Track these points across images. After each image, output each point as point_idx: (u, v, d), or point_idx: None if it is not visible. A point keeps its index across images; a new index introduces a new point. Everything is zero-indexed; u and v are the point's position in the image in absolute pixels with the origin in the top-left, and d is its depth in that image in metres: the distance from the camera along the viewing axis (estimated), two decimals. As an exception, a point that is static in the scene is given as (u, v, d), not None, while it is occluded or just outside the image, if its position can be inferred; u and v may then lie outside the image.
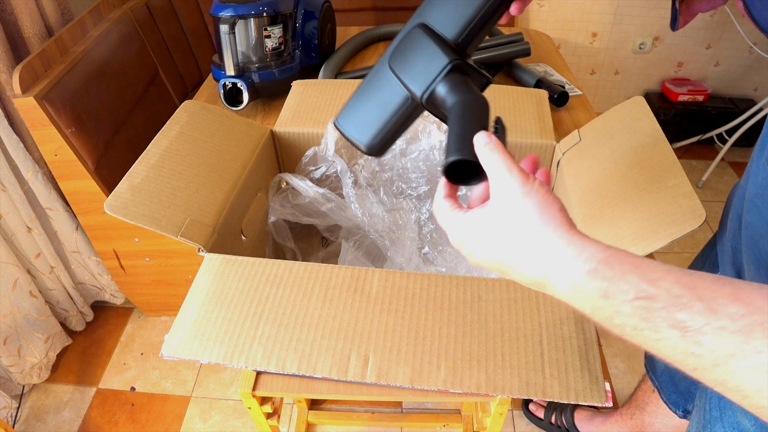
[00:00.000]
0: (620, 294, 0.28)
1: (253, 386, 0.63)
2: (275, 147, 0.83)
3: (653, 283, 0.27)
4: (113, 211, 0.58)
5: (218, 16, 1.00)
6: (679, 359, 0.27)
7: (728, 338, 0.25)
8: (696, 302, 0.26)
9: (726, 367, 0.25)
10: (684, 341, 0.26)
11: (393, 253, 0.78)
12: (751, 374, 0.24)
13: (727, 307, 0.25)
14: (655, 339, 0.27)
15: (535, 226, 0.32)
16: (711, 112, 1.91)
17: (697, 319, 0.26)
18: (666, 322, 0.27)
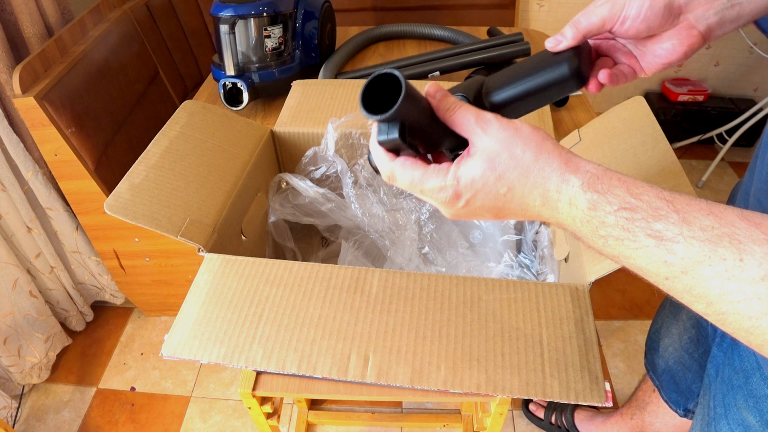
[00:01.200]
0: (606, 205, 0.30)
1: (253, 386, 0.63)
2: (275, 147, 0.83)
3: (636, 196, 0.30)
4: (113, 211, 0.58)
5: (218, 16, 1.00)
6: (653, 268, 0.29)
7: (698, 246, 0.27)
8: (672, 214, 0.28)
9: (693, 273, 0.27)
10: (658, 249, 0.28)
11: (393, 253, 0.78)
12: (715, 279, 0.26)
13: (701, 220, 0.27)
14: (634, 248, 0.29)
15: (536, 152, 0.34)
16: (711, 112, 1.91)
17: (672, 229, 0.28)
18: (644, 231, 0.29)
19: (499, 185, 0.35)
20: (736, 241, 0.26)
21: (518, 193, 0.35)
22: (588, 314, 0.54)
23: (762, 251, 0.25)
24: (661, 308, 0.85)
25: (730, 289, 0.26)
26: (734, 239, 0.26)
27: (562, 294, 0.55)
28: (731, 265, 0.26)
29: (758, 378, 0.49)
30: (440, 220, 0.83)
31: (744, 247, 0.26)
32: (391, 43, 1.35)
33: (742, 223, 0.27)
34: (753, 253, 0.25)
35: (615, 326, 1.39)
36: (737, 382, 0.52)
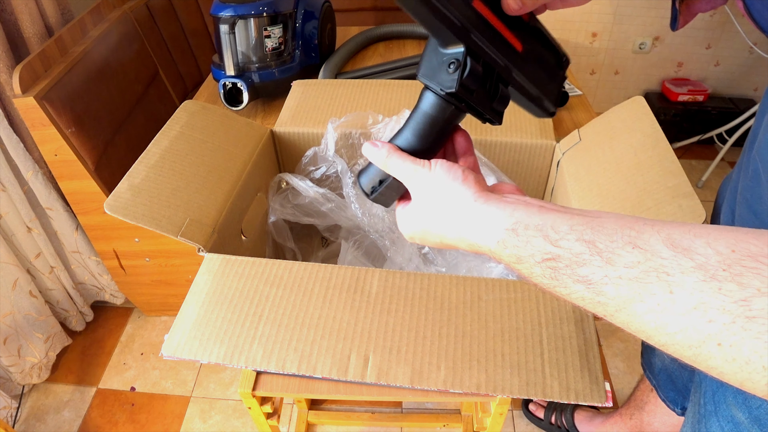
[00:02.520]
0: (529, 258, 0.31)
1: (253, 386, 0.63)
2: (275, 147, 0.83)
3: (556, 243, 0.30)
4: (113, 211, 0.58)
5: (218, 16, 1.00)
6: (590, 307, 0.29)
7: (626, 286, 0.27)
8: (595, 257, 0.28)
9: (627, 311, 0.27)
10: (589, 292, 0.28)
11: (393, 253, 0.78)
12: (649, 315, 0.26)
13: (624, 257, 0.27)
14: (566, 293, 0.30)
15: (449, 210, 0.36)
16: (711, 112, 1.91)
17: (597, 272, 0.28)
18: (571, 278, 0.29)
19: (430, 236, 0.38)
20: (665, 274, 0.26)
21: (450, 244, 0.37)
22: (588, 314, 0.54)
23: (691, 281, 0.25)
24: None
25: (666, 322, 0.26)
26: (662, 272, 0.26)
27: (562, 294, 0.55)
28: (662, 299, 0.26)
29: None
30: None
31: (672, 279, 0.25)
32: (391, 43, 1.35)
33: (669, 251, 0.26)
34: (682, 285, 0.25)
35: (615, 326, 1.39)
36: None
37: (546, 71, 0.41)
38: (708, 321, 0.24)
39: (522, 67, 0.39)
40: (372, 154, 0.40)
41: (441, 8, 0.35)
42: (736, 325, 0.24)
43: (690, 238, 0.26)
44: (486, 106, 0.39)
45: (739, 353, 0.24)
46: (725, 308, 0.24)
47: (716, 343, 0.24)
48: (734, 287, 0.24)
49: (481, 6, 0.36)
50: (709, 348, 0.25)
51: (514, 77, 0.39)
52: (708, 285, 0.24)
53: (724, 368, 0.25)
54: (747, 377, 0.24)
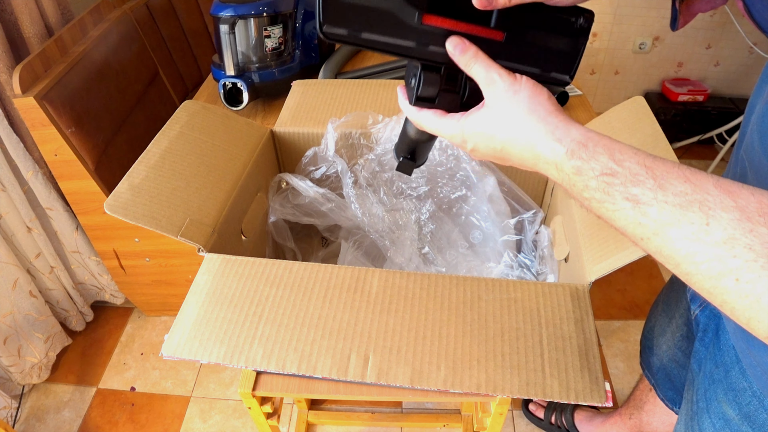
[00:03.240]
0: (590, 171, 0.33)
1: (253, 386, 0.63)
2: (275, 147, 0.83)
3: (619, 162, 0.32)
4: (113, 211, 0.58)
5: (218, 16, 1.00)
6: (630, 229, 0.31)
7: (669, 210, 0.29)
8: (650, 180, 0.30)
9: (663, 235, 0.29)
10: (634, 212, 0.31)
11: (393, 253, 0.78)
12: (682, 241, 0.29)
13: (676, 186, 0.29)
14: (612, 210, 0.32)
15: (527, 117, 0.37)
16: (711, 112, 1.91)
17: (648, 194, 0.30)
18: (622, 195, 0.31)
19: (495, 142, 0.39)
20: (706, 207, 0.28)
21: (511, 151, 0.38)
22: (588, 314, 0.54)
23: (728, 217, 0.27)
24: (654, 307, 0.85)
25: (695, 251, 0.28)
26: (704, 205, 0.28)
27: (562, 294, 0.55)
28: (698, 228, 0.28)
29: (737, 371, 0.50)
30: (440, 221, 0.83)
31: (712, 212, 0.28)
32: (391, 43, 1.35)
33: (715, 190, 0.28)
34: (719, 219, 0.27)
35: (615, 326, 1.39)
36: (718, 376, 0.53)
37: (543, 47, 0.41)
38: (733, 256, 0.27)
39: (507, 54, 0.39)
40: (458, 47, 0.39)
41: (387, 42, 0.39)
42: (757, 264, 0.26)
43: (737, 186, 0.29)
44: (455, 105, 0.41)
45: (753, 290, 0.26)
46: (752, 247, 0.26)
47: (735, 278, 0.27)
48: (765, 231, 0.26)
49: (436, 19, 0.38)
50: (728, 282, 0.27)
51: (500, 65, 0.39)
52: (742, 224, 0.27)
53: (736, 303, 0.27)
54: (755, 315, 0.27)
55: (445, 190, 0.82)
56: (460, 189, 0.81)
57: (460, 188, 0.81)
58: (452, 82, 0.41)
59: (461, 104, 0.42)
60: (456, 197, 0.82)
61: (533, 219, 0.78)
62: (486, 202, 0.78)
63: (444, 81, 0.41)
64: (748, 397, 0.49)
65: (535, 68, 0.41)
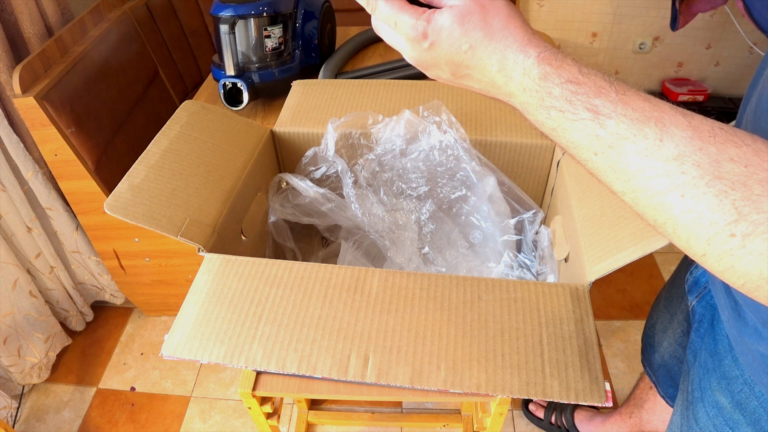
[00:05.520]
0: (556, 77, 0.33)
1: (253, 386, 0.63)
2: (275, 147, 0.83)
3: (585, 74, 0.32)
4: (113, 211, 0.58)
5: (218, 16, 1.00)
6: (585, 142, 0.31)
7: (627, 124, 0.29)
8: (612, 93, 0.31)
9: (618, 149, 0.30)
10: (593, 123, 0.31)
11: (393, 253, 0.78)
12: (635, 155, 0.29)
13: (636, 102, 0.30)
14: (572, 119, 0.32)
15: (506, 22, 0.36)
16: (711, 112, 1.91)
17: (608, 106, 0.30)
18: (584, 104, 0.31)
19: (463, 41, 0.36)
20: (661, 124, 0.29)
21: (478, 54, 0.36)
22: (588, 314, 0.54)
23: (681, 134, 0.28)
24: (655, 304, 0.86)
25: (647, 166, 0.29)
26: (660, 122, 0.29)
27: (562, 294, 0.55)
28: (651, 143, 0.29)
29: (730, 360, 0.51)
30: (440, 221, 0.83)
31: (666, 129, 0.28)
32: (391, 43, 1.35)
33: (672, 110, 0.29)
34: (672, 135, 0.28)
35: (615, 326, 1.39)
36: (712, 365, 0.53)
37: None
38: (681, 172, 0.28)
39: None
40: None
41: None
42: (703, 181, 0.27)
43: (692, 113, 0.30)
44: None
45: (696, 206, 0.27)
46: (700, 164, 0.27)
47: (681, 194, 0.28)
48: (714, 150, 0.27)
49: None
50: (674, 197, 0.28)
51: None
52: (693, 142, 0.28)
53: (678, 220, 0.28)
54: (694, 232, 0.27)
55: (445, 190, 0.82)
56: (460, 189, 0.81)
57: (460, 188, 0.81)
58: None
59: None
60: (456, 197, 0.82)
61: (533, 219, 0.78)
62: (486, 202, 0.78)
63: None
64: (740, 385, 0.49)
65: None
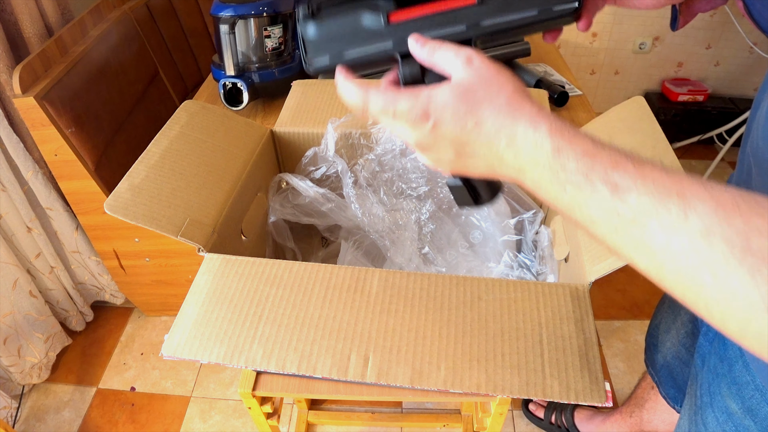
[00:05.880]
0: (570, 151, 0.32)
1: (253, 386, 0.63)
2: (275, 147, 0.83)
3: (599, 147, 0.31)
4: (113, 211, 0.58)
5: (218, 16, 1.00)
6: (604, 218, 0.30)
7: (648, 198, 0.28)
8: (629, 165, 0.30)
9: (641, 224, 0.29)
10: (612, 199, 0.30)
11: (393, 253, 0.78)
12: (660, 231, 0.28)
13: (655, 174, 0.29)
14: (589, 195, 0.31)
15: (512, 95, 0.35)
16: (711, 112, 1.91)
17: (627, 179, 0.29)
18: (601, 179, 0.30)
19: (469, 118, 0.35)
20: (683, 197, 0.28)
21: (485, 130, 0.34)
22: (588, 314, 0.54)
23: (705, 207, 0.27)
24: (660, 304, 0.86)
25: (672, 242, 0.28)
26: (682, 195, 0.28)
27: (562, 294, 0.55)
28: (676, 218, 0.27)
29: (741, 365, 0.50)
30: (440, 221, 0.83)
31: (689, 202, 0.27)
32: (391, 43, 1.35)
33: (689, 180, 0.29)
34: (697, 208, 0.27)
35: (615, 326, 1.39)
36: (722, 370, 0.53)
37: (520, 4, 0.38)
38: (710, 248, 0.26)
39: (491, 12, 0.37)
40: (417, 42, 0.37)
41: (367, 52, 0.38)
42: (734, 258, 0.25)
43: (711, 182, 0.29)
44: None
45: (729, 284, 0.26)
46: (728, 239, 0.26)
47: (711, 272, 0.26)
48: (740, 222, 0.26)
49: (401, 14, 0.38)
50: (704, 275, 0.27)
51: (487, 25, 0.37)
52: (717, 216, 0.26)
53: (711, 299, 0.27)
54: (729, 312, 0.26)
55: (445, 190, 0.82)
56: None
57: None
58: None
59: None
60: (456, 197, 0.82)
61: (533, 219, 0.78)
62: (486, 202, 0.78)
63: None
64: (751, 391, 0.49)
65: (531, 10, 0.37)
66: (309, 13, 0.40)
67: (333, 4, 0.40)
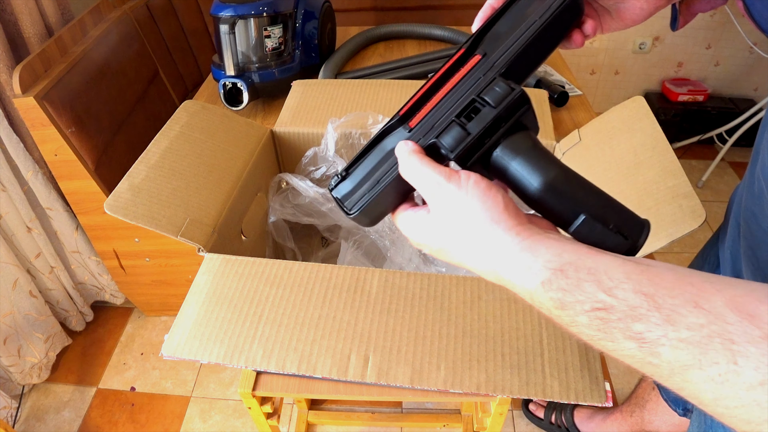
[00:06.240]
0: (576, 305, 0.27)
1: (253, 386, 0.63)
2: (275, 147, 0.83)
3: (610, 292, 0.27)
4: (113, 211, 0.58)
5: (218, 16, 1.00)
6: (637, 366, 0.27)
7: (685, 350, 0.24)
8: (654, 312, 0.25)
9: (683, 376, 0.25)
10: (641, 352, 0.26)
11: (393, 253, 0.78)
12: (708, 384, 0.24)
13: (686, 317, 0.25)
14: (612, 349, 0.27)
15: (485, 230, 0.31)
16: (711, 112, 1.91)
17: (655, 330, 0.25)
18: (623, 333, 0.26)
19: (448, 256, 0.33)
20: (729, 341, 0.23)
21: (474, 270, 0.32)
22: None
23: (759, 352, 0.22)
24: None
25: (725, 395, 0.23)
26: (726, 339, 0.23)
27: (562, 294, 0.55)
28: (725, 369, 0.23)
29: None
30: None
31: (738, 348, 0.23)
32: (391, 43, 1.35)
33: (734, 316, 0.24)
34: (748, 356, 0.23)
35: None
36: None
37: (523, 16, 0.37)
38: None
39: (499, 52, 0.37)
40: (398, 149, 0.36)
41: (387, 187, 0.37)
42: None
43: (755, 303, 0.24)
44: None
45: None
46: None
47: None
48: None
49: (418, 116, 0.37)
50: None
51: (502, 61, 0.37)
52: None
53: None
54: None
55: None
56: None
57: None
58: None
59: None
60: (456, 197, 0.82)
61: (533, 219, 0.78)
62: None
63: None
64: None
65: (533, 20, 0.37)
66: (340, 179, 0.40)
67: (359, 157, 0.40)
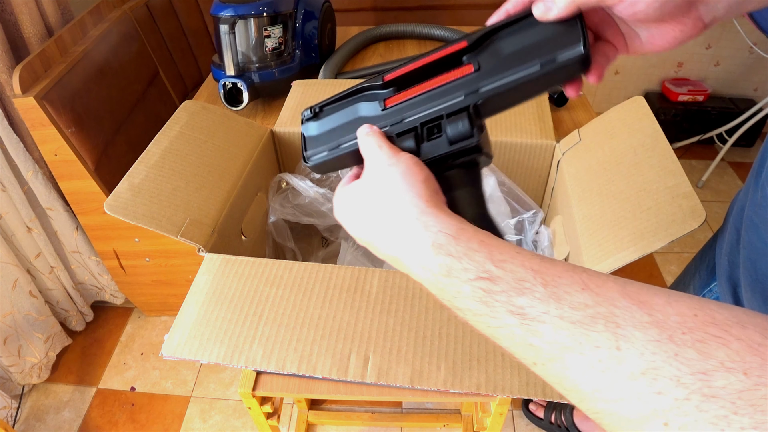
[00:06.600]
0: (462, 272, 0.26)
1: (253, 386, 0.63)
2: (275, 147, 0.83)
3: (499, 264, 0.25)
4: (113, 211, 0.58)
5: (218, 16, 1.00)
6: (519, 351, 0.25)
7: (567, 329, 0.22)
8: (539, 287, 0.24)
9: (562, 362, 0.23)
10: (522, 330, 0.24)
11: (393, 253, 0.78)
12: (588, 372, 0.22)
13: (573, 295, 0.23)
14: (495, 326, 0.25)
15: (394, 194, 0.31)
16: (711, 112, 1.91)
17: (537, 306, 0.23)
18: (505, 306, 0.24)
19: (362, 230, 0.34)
20: (614, 324, 0.22)
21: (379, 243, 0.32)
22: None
23: (644, 337, 0.21)
24: None
25: (605, 385, 0.21)
26: (611, 321, 0.22)
27: (562, 294, 0.55)
28: (606, 354, 0.21)
29: None
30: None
31: (622, 332, 0.21)
32: (391, 43, 1.35)
33: (624, 301, 0.22)
34: (633, 341, 0.21)
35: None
36: None
37: (528, 41, 0.35)
38: (657, 392, 0.20)
39: (490, 74, 0.35)
40: (360, 131, 0.38)
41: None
42: (691, 404, 0.19)
43: (648, 294, 0.23)
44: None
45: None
46: (680, 379, 0.20)
47: (663, 422, 0.20)
48: (694, 355, 0.20)
49: (399, 95, 0.38)
50: (654, 427, 0.20)
51: (487, 90, 0.36)
52: (663, 347, 0.20)
53: None
54: None
55: (445, 190, 0.82)
56: None
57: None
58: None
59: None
60: (456, 197, 0.82)
61: (533, 219, 0.78)
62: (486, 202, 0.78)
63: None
64: None
65: (533, 64, 0.34)
66: (312, 114, 0.42)
67: (334, 101, 0.42)
